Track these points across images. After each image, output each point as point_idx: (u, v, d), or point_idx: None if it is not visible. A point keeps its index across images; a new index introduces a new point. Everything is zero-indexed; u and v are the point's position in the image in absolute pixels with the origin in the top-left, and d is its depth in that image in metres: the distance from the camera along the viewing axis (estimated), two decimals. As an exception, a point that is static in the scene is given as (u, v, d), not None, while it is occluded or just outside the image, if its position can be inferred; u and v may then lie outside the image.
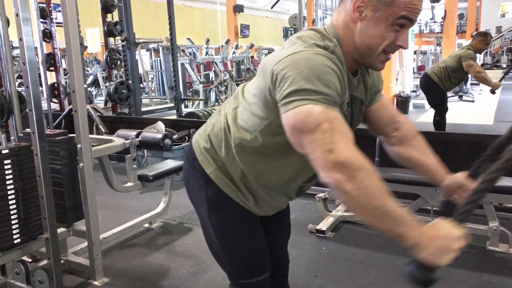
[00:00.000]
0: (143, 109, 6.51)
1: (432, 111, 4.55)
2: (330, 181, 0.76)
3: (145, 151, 3.81)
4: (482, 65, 13.53)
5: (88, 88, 6.48)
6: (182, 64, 7.76)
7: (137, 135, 2.45)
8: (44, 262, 2.00)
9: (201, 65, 8.27)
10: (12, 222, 1.77)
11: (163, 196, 2.79)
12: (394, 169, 2.11)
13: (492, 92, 4.25)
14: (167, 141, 2.47)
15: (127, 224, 2.54)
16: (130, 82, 5.13)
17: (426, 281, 0.74)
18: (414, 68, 12.25)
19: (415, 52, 13.55)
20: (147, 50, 10.36)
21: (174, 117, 5.85)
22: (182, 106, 6.38)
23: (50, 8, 4.42)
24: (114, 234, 2.40)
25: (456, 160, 2.69)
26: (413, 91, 8.59)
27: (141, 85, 8.42)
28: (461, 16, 16.53)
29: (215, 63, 8.34)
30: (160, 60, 9.49)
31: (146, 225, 2.73)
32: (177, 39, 5.80)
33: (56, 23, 4.44)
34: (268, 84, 0.86)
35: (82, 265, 2.08)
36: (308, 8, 10.21)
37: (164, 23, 5.68)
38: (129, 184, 2.47)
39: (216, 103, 8.10)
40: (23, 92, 1.86)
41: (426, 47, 15.67)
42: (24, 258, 2.02)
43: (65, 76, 5.26)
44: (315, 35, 0.90)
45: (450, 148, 2.79)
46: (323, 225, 2.54)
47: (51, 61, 4.42)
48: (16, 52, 5.50)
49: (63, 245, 2.12)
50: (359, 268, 2.14)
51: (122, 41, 5.15)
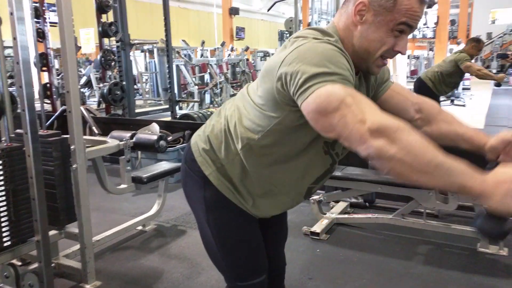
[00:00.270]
0: (137, 110, 6.48)
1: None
2: (371, 151, 0.72)
3: (139, 152, 3.79)
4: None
5: (81, 89, 6.42)
6: (177, 66, 7.74)
7: (131, 137, 2.43)
8: (35, 266, 1.97)
9: (196, 67, 8.26)
10: (2, 224, 1.74)
11: (157, 198, 2.77)
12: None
13: (497, 85, 4.27)
14: (162, 142, 2.45)
15: (120, 226, 2.51)
16: (124, 83, 5.09)
17: (499, 233, 0.71)
18: (407, 72, 12.36)
19: (408, 57, 13.70)
20: (142, 52, 10.33)
21: (169, 118, 5.82)
22: (177, 108, 6.35)
23: (44, 8, 4.38)
24: (107, 236, 2.37)
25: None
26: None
27: (135, 86, 8.38)
28: (453, 22, 16.78)
29: (210, 65, 8.34)
30: (154, 61, 9.47)
31: (140, 227, 2.70)
32: (172, 40, 5.77)
33: (50, 23, 4.40)
34: (276, 85, 0.85)
35: (73, 268, 2.05)
36: (303, 11, 10.29)
37: (159, 24, 5.64)
38: (122, 186, 2.44)
39: (211, 105, 8.09)
40: (14, 92, 1.84)
41: (419, 52, 15.86)
42: (14, 261, 1.98)
43: (57, 77, 5.21)
44: (315, 32, 0.90)
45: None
46: (318, 227, 2.54)
47: (43, 61, 4.38)
48: (7, 51, 5.43)
49: (55, 248, 2.09)
50: (353, 270, 2.14)
51: (117, 42, 5.13)
